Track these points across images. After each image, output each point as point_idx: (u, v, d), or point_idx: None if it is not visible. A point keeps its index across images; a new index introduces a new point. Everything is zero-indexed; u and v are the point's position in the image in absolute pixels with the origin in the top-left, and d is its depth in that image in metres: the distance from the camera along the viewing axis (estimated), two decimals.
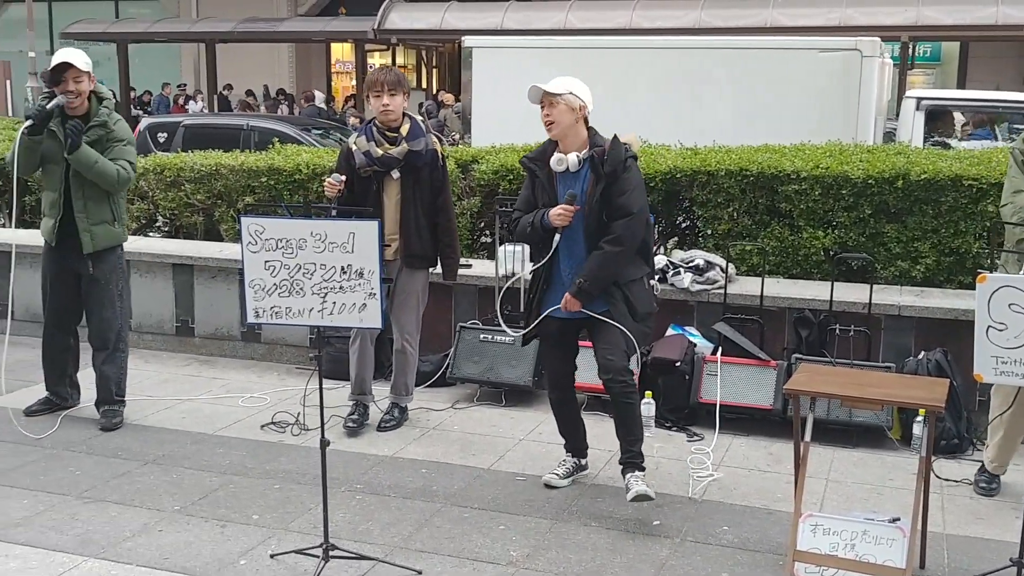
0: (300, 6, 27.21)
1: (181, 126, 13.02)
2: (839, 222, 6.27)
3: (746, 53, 11.30)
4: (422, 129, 5.57)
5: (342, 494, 4.81)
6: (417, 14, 19.85)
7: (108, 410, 5.78)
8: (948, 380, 4.45)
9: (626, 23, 17.25)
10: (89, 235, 5.56)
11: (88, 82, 5.48)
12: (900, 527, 3.94)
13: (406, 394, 5.84)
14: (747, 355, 5.86)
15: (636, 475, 4.61)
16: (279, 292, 3.87)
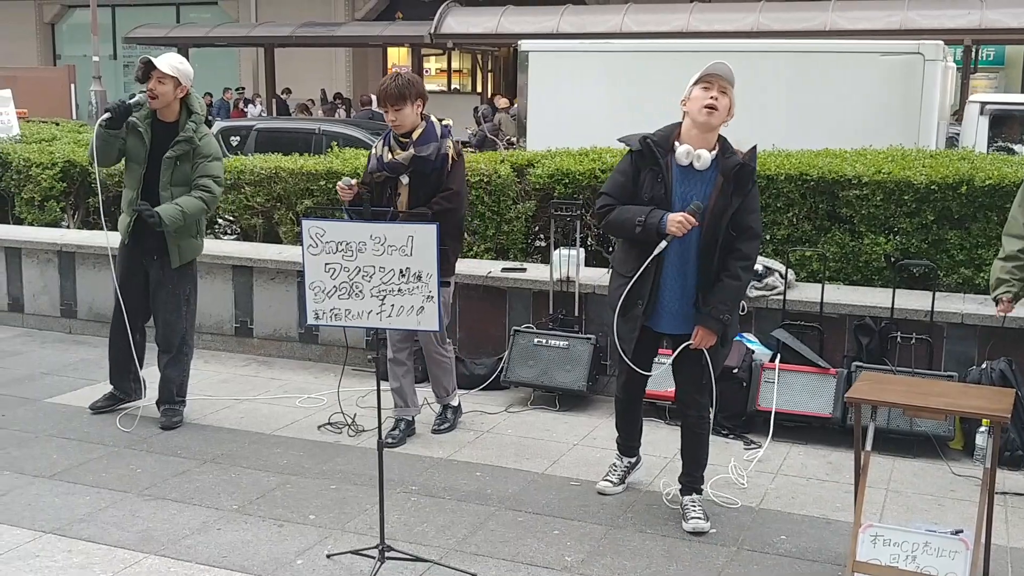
0: (357, 11, 27.45)
1: (254, 130, 13.17)
2: (901, 228, 6.17)
3: (805, 57, 11.17)
4: (435, 134, 5.36)
5: (397, 495, 4.83)
6: (473, 18, 19.93)
7: (168, 409, 5.86)
8: (1013, 390, 4.36)
9: (683, 26, 17.15)
10: (177, 249, 5.67)
11: (172, 86, 5.52)
12: (963, 539, 3.86)
13: (447, 395, 5.77)
14: (806, 363, 5.78)
15: (695, 499, 4.57)
16: (339, 294, 3.90)
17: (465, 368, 6.53)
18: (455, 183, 5.38)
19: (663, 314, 4.42)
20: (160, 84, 5.50)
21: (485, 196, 7.11)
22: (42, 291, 7.98)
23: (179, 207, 5.53)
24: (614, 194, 4.39)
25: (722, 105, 4.22)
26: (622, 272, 4.43)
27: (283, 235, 7.83)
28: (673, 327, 4.46)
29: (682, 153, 4.25)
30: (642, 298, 4.36)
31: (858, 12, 16.89)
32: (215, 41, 24.05)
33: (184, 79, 5.56)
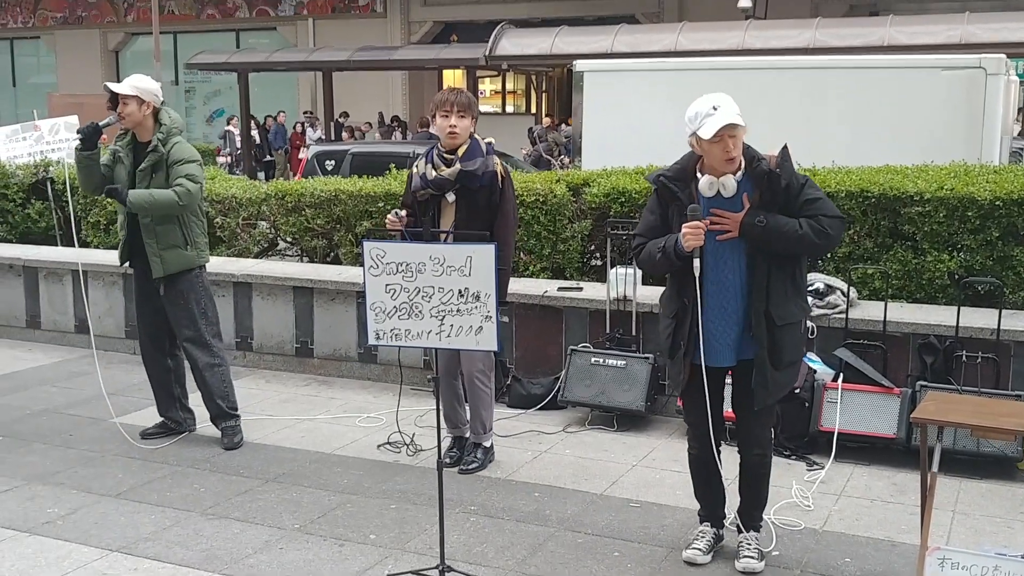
0: (413, 35, 27.75)
1: (348, 154, 13.25)
2: (965, 245, 6.07)
3: (864, 72, 11.03)
4: (481, 150, 5.27)
5: (456, 515, 4.84)
6: (528, 40, 20.01)
7: (227, 427, 5.91)
8: None
9: (738, 44, 17.06)
10: (159, 260, 5.70)
11: (136, 105, 5.62)
12: None
13: (483, 431, 5.57)
14: (869, 382, 5.70)
15: (750, 537, 4.39)
16: (399, 315, 3.93)
17: (522, 387, 6.54)
18: (509, 208, 5.31)
19: (714, 348, 4.19)
20: (124, 105, 5.64)
21: (541, 216, 7.12)
22: (107, 312, 8.15)
23: (150, 193, 5.60)
24: (645, 233, 4.28)
25: (735, 147, 4.05)
26: (667, 314, 4.32)
27: (343, 256, 7.91)
28: (727, 359, 4.22)
29: (705, 185, 4.09)
30: (683, 338, 4.20)
31: (917, 27, 16.68)
32: (274, 66, 24.41)
33: (146, 96, 5.67)
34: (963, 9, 17.96)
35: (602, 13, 24.59)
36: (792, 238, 4.03)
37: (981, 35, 15.85)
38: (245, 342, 7.65)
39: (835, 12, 21.52)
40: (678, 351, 4.25)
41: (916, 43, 15.78)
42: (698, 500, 4.55)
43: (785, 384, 4.28)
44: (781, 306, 4.13)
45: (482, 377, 5.46)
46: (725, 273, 4.14)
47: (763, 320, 4.12)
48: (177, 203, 5.62)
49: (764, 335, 4.12)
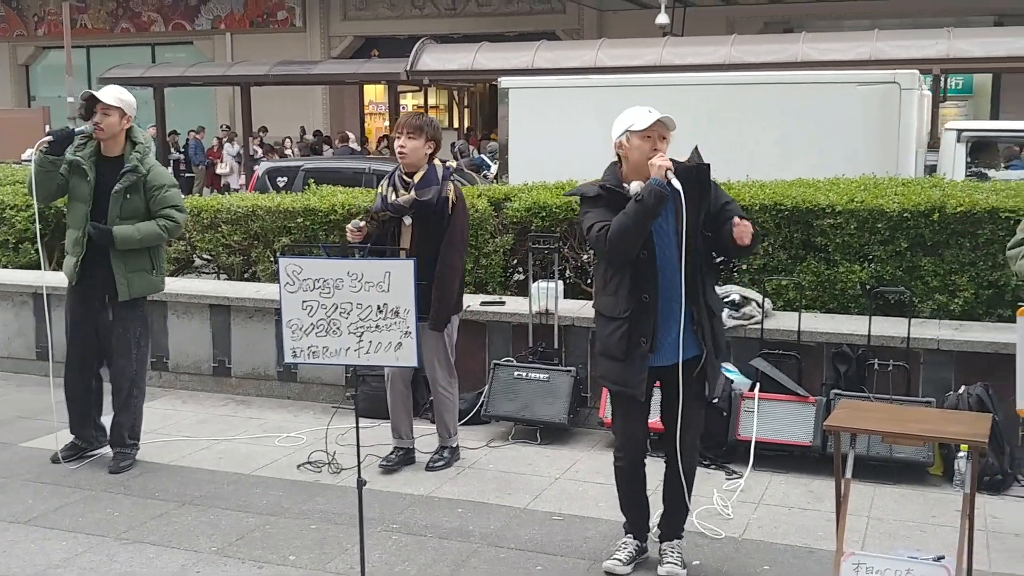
0: (333, 49, 27.59)
1: (301, 170, 12.91)
2: (875, 256, 6.22)
3: (785, 88, 11.25)
4: (437, 177, 5.46)
5: (378, 534, 4.80)
6: (449, 55, 20.04)
7: (119, 452, 5.77)
8: (991, 415, 4.38)
9: (656, 60, 17.30)
10: (126, 283, 5.57)
11: (118, 117, 5.49)
12: (945, 566, 3.86)
13: (449, 435, 5.81)
14: (785, 391, 5.80)
15: (675, 545, 4.42)
16: (316, 332, 3.89)
17: None
18: (456, 232, 5.47)
19: (664, 346, 4.20)
20: (105, 116, 5.47)
21: None
22: (17, 334, 7.91)
23: (136, 228, 5.49)
24: (604, 219, 4.16)
25: (664, 150, 4.15)
26: (615, 315, 4.21)
27: (261, 273, 7.81)
28: (671, 357, 4.17)
29: (635, 189, 4.09)
30: (646, 335, 4.16)
31: (829, 44, 17.09)
32: (191, 81, 24.05)
33: (128, 109, 5.54)
34: (873, 27, 18.47)
35: (523, 29, 24.75)
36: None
37: (890, 52, 16.30)
38: (160, 362, 7.49)
39: (750, 29, 21.95)
40: (637, 349, 4.18)
41: (828, 59, 16.17)
42: (624, 512, 4.55)
43: (720, 372, 4.57)
44: (714, 297, 4.31)
45: (444, 384, 5.67)
46: (668, 273, 4.16)
47: (705, 313, 4.21)
48: (165, 237, 5.60)
49: (708, 327, 4.21)
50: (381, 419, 6.37)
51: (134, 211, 5.54)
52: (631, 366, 4.20)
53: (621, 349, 4.21)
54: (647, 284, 4.15)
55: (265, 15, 28.58)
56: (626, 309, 4.18)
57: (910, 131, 10.58)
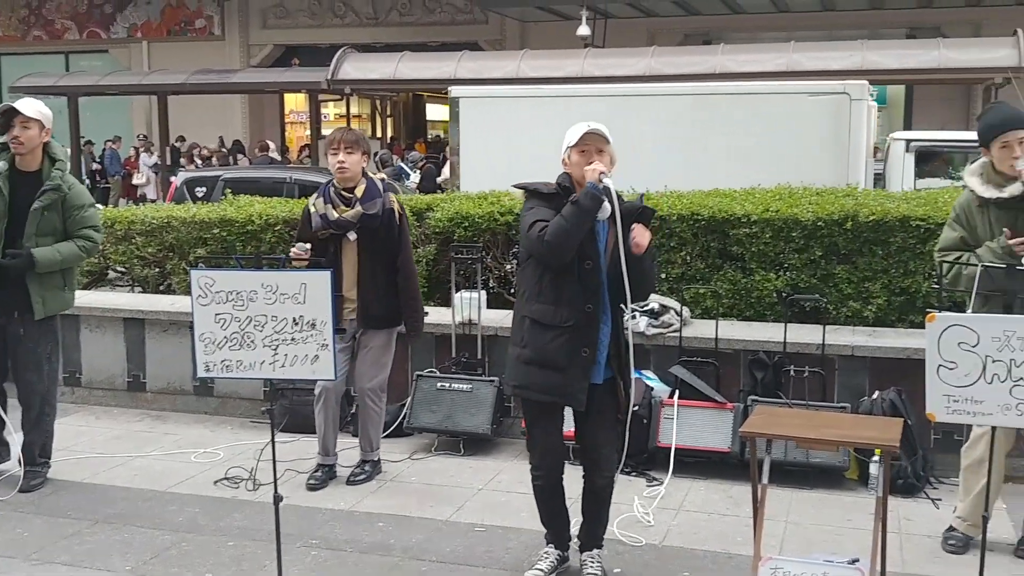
0: (253, 58, 27.27)
1: (220, 180, 12.66)
2: (790, 264, 6.33)
3: (735, 99, 11.21)
4: (378, 189, 5.50)
5: (297, 550, 4.72)
6: (371, 64, 19.94)
7: (29, 471, 5.61)
8: (902, 419, 4.48)
9: (578, 71, 17.42)
10: (41, 301, 5.43)
11: (37, 130, 5.35)
12: (859, 568, 3.93)
13: (372, 449, 5.76)
14: (703, 398, 5.87)
15: (595, 555, 4.43)
16: (230, 345, 3.82)
17: None
18: (405, 246, 5.56)
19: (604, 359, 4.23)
20: (25, 129, 5.32)
21: None
22: None
23: (56, 250, 5.36)
24: (547, 218, 4.12)
25: (605, 162, 4.13)
26: (555, 323, 4.14)
27: (176, 285, 7.67)
28: (598, 376, 4.22)
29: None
30: (588, 345, 4.13)
31: (747, 55, 17.37)
32: (106, 90, 23.51)
33: (47, 123, 5.42)
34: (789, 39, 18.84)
35: (445, 39, 24.73)
36: (652, 271, 4.25)
37: (806, 63, 16.63)
38: (73, 377, 7.30)
39: (670, 41, 22.23)
40: (579, 359, 4.13)
41: (746, 71, 16.44)
42: (544, 525, 4.55)
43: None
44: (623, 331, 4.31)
45: (373, 396, 5.63)
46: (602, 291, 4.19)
47: (623, 344, 4.28)
48: (83, 257, 5.48)
49: (624, 355, 4.27)
50: (300, 433, 6.32)
51: (51, 229, 5.41)
52: (573, 376, 4.15)
53: (563, 358, 4.14)
54: (592, 295, 4.13)
55: (183, 23, 28.14)
56: (568, 318, 4.13)
57: (860, 141, 10.63)
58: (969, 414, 3.85)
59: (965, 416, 3.88)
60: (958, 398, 3.84)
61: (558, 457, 4.37)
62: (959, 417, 3.91)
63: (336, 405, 5.66)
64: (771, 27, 22.52)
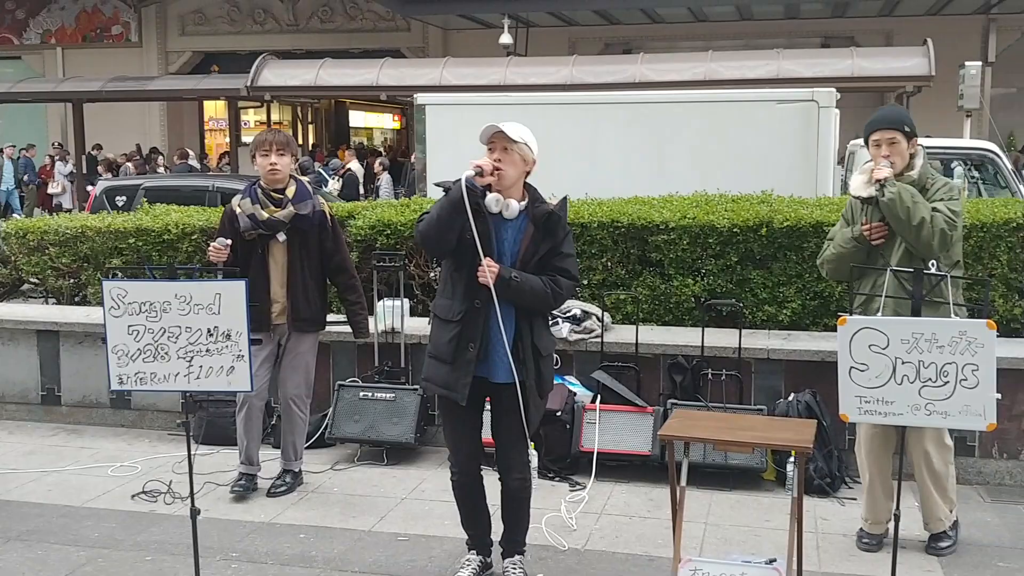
0: (171, 65, 26.83)
1: (141, 188, 12.22)
2: (707, 270, 6.43)
3: (700, 106, 11.07)
4: (309, 191, 5.49)
5: (216, 564, 4.65)
6: (291, 71, 19.74)
7: None
8: (816, 421, 4.58)
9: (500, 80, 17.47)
10: None
11: None
12: (777, 568, 4.01)
13: (295, 458, 5.69)
14: (625, 402, 5.93)
15: (516, 561, 4.43)
16: (143, 357, 3.76)
17: None
18: (342, 247, 5.59)
19: (493, 361, 4.22)
20: None
21: None
22: None
23: None
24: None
25: (508, 163, 4.15)
26: (449, 318, 4.21)
27: (91, 296, 7.51)
28: (502, 376, 4.22)
29: (491, 200, 4.15)
30: (474, 340, 4.16)
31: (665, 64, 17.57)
32: (18, 97, 22.89)
33: None
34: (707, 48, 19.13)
35: (367, 46, 24.61)
36: (539, 295, 4.18)
37: (724, 72, 16.91)
38: None
39: (591, 50, 22.44)
40: (464, 354, 4.17)
41: (665, 79, 16.65)
42: (465, 529, 4.56)
43: (543, 409, 4.45)
44: (544, 339, 4.30)
45: (299, 402, 5.58)
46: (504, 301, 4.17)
47: (531, 350, 4.22)
48: None
49: (532, 364, 4.21)
50: (219, 445, 6.23)
51: None
52: (457, 370, 4.19)
53: (450, 352, 4.20)
54: (480, 290, 4.15)
55: (99, 30, 27.56)
56: (460, 312, 4.18)
57: (828, 148, 10.55)
58: (880, 414, 3.96)
59: (877, 416, 3.99)
60: (869, 399, 3.94)
61: (471, 454, 4.37)
62: (871, 417, 4.02)
63: (260, 414, 5.60)
64: (690, 36, 22.86)
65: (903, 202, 4.53)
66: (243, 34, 26.20)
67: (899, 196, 4.53)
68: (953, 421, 3.89)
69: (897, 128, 4.69)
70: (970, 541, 4.92)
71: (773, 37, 21.65)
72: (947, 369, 3.81)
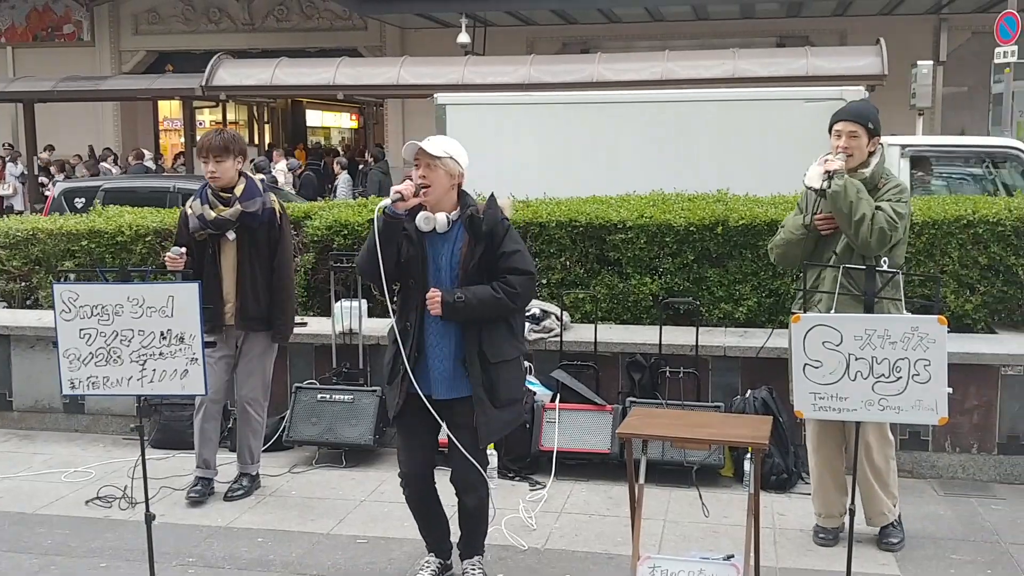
0: (125, 64, 26.49)
1: (101, 190, 11.95)
2: (665, 268, 6.47)
3: (727, 105, 11.01)
4: (258, 189, 5.45)
5: (173, 569, 4.61)
6: (246, 70, 19.56)
7: None
8: (772, 417, 4.61)
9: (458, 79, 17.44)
10: None
11: None
12: (734, 564, 4.03)
13: (251, 462, 5.65)
14: (584, 401, 5.94)
15: (475, 562, 4.41)
16: (95, 361, 3.70)
17: None
18: (288, 245, 5.51)
19: (433, 378, 4.19)
20: None
21: None
22: None
23: None
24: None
25: (433, 179, 4.14)
26: (391, 338, 4.23)
27: (43, 300, 7.39)
28: (444, 392, 4.19)
29: (421, 220, 4.16)
30: (407, 360, 4.15)
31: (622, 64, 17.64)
32: None
33: None
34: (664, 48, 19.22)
35: (324, 45, 24.44)
36: (492, 305, 4.13)
37: (680, 72, 16.98)
38: None
39: (549, 49, 22.45)
40: (396, 376, 4.20)
41: (621, 79, 16.73)
42: (422, 535, 4.53)
43: (509, 421, 4.30)
44: (496, 345, 4.19)
45: (255, 405, 5.54)
46: None
47: (476, 359, 4.16)
48: None
49: (479, 373, 4.15)
50: (174, 449, 6.16)
51: None
52: (394, 389, 4.24)
53: (387, 372, 4.29)
54: (410, 312, 4.19)
55: (50, 28, 27.12)
56: (397, 332, 4.19)
57: None
58: (835, 410, 4.00)
59: (831, 412, 4.02)
60: (824, 395, 3.98)
61: (416, 468, 4.32)
62: (825, 414, 4.06)
63: (217, 417, 5.54)
64: (647, 36, 22.95)
65: (847, 196, 4.56)
66: (198, 33, 25.92)
67: (844, 189, 4.57)
68: (906, 416, 3.94)
69: (860, 122, 4.72)
70: (924, 534, 4.98)
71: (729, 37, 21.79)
72: (899, 365, 3.85)
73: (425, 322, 4.18)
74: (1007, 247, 6.14)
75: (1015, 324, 6.32)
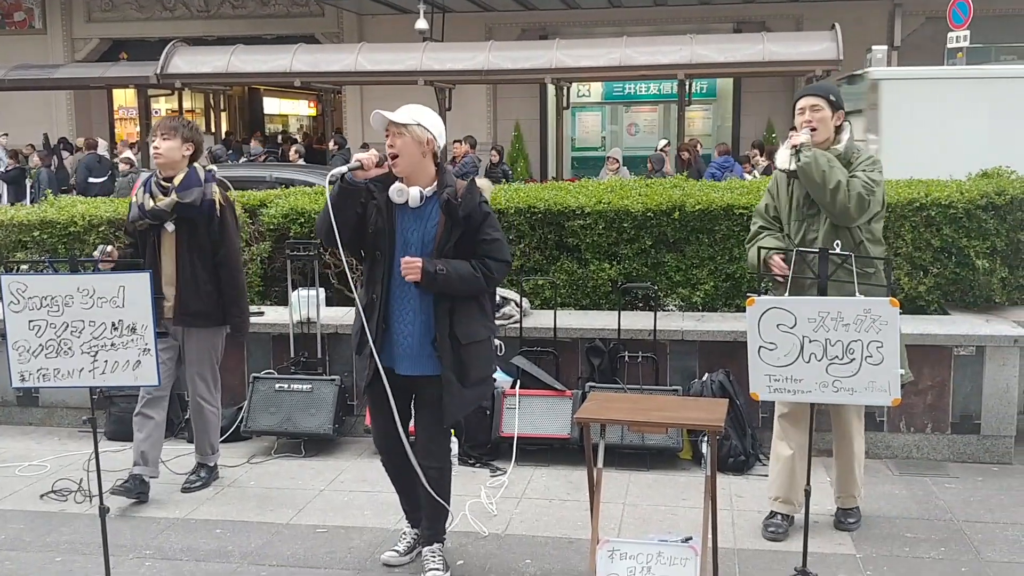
0: (78, 52, 26.08)
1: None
2: (623, 254, 6.48)
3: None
4: (198, 179, 5.25)
5: (130, 562, 4.56)
6: (202, 57, 19.32)
7: None
8: (727, 400, 4.64)
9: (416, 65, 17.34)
10: None
11: None
12: (692, 546, 4.05)
13: (211, 453, 5.58)
14: (544, 386, 5.96)
15: (435, 550, 4.41)
16: (45, 353, 3.65)
17: None
18: (231, 236, 5.33)
19: (398, 353, 4.20)
20: None
21: None
22: None
23: None
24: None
25: (401, 147, 4.12)
26: (361, 309, 4.23)
27: None
28: (410, 368, 4.20)
29: (394, 191, 4.14)
30: (372, 332, 4.16)
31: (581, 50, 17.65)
32: None
33: None
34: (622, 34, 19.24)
35: (281, 32, 24.20)
36: (469, 281, 4.14)
37: (638, 58, 17.02)
38: None
39: (508, 36, 22.39)
40: (365, 347, 4.19)
41: (581, 65, 16.74)
42: (402, 505, 4.60)
43: (473, 400, 4.35)
44: (466, 325, 4.19)
45: (207, 399, 5.45)
46: (409, 285, 4.14)
47: (447, 340, 4.15)
48: None
49: (449, 353, 4.15)
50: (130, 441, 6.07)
51: None
52: (362, 360, 4.26)
53: (355, 342, 4.29)
54: (376, 284, 4.19)
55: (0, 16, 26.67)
56: (364, 304, 4.23)
57: None
58: (790, 392, 4.05)
59: (786, 394, 4.07)
60: (779, 377, 4.02)
61: (387, 437, 4.35)
62: (780, 396, 4.10)
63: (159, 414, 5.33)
64: (605, 22, 22.95)
65: (819, 166, 4.52)
66: (152, 20, 25.56)
67: (815, 159, 4.53)
68: (859, 397, 3.99)
69: (822, 96, 4.70)
70: (879, 513, 5.05)
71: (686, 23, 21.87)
72: (853, 347, 3.90)
73: (391, 295, 4.17)
74: (959, 229, 6.22)
75: (967, 305, 6.41)
